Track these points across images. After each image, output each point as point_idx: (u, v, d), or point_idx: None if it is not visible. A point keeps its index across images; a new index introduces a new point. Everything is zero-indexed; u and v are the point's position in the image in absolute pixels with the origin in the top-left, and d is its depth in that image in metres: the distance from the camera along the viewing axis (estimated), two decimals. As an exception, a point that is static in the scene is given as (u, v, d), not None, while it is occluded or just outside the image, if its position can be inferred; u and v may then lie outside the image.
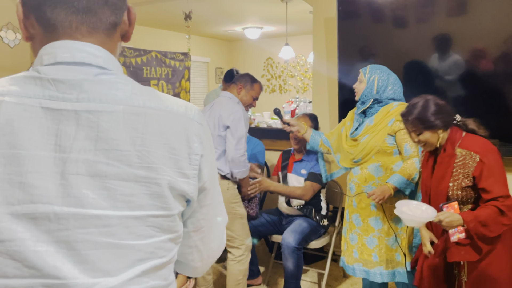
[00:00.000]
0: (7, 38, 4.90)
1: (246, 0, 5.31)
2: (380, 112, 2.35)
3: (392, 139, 2.31)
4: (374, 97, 2.34)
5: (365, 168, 2.40)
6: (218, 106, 2.70)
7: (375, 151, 2.32)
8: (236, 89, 2.77)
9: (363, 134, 2.38)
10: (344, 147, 2.51)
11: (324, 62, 3.56)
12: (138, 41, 6.95)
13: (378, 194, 2.25)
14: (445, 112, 1.88)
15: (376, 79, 2.35)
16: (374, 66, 2.41)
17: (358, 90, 2.42)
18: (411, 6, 2.94)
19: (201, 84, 8.52)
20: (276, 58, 8.53)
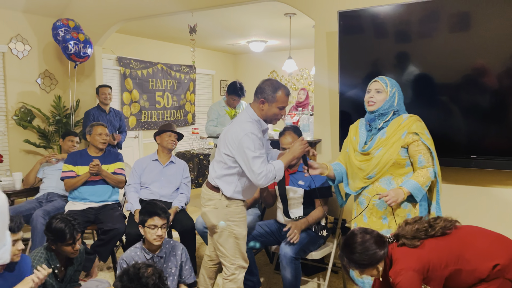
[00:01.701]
0: (16, 49, 5.01)
1: (250, 15, 5.40)
2: (391, 125, 2.34)
3: (405, 151, 2.31)
4: (394, 108, 2.34)
5: (376, 181, 2.38)
6: (232, 126, 2.50)
7: (390, 164, 2.30)
8: (257, 104, 2.45)
9: (376, 147, 2.34)
10: (355, 163, 2.45)
11: (325, 75, 3.61)
12: (144, 53, 7.07)
13: (392, 195, 2.22)
14: (371, 248, 1.88)
15: (397, 92, 2.36)
16: (390, 78, 2.41)
17: (376, 100, 2.35)
18: (413, 21, 2.99)
19: (206, 96, 8.61)
20: (280, 71, 8.63)
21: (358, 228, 1.97)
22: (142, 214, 2.62)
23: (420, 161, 2.29)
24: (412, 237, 1.91)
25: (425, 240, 1.91)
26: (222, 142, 2.49)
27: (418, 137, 2.28)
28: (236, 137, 2.37)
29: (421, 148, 2.26)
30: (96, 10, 5.06)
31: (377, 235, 1.93)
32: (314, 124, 3.73)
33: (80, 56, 4.82)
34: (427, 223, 1.95)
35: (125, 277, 2.04)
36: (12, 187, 3.98)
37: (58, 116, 5.21)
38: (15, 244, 2.08)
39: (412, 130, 2.28)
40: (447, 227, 1.94)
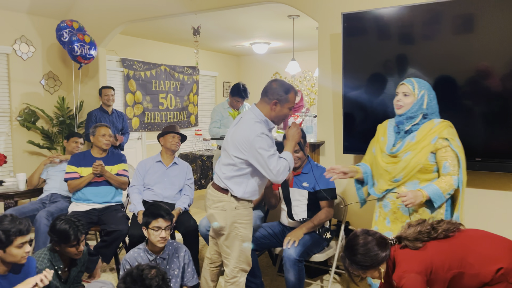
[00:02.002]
0: (20, 50, 5.03)
1: (254, 16, 5.41)
2: (422, 129, 2.29)
3: (433, 157, 2.26)
4: (424, 111, 2.29)
5: (402, 185, 2.35)
6: (240, 125, 2.48)
7: (418, 169, 2.26)
8: (269, 105, 2.44)
9: (404, 150, 2.30)
10: (381, 165, 2.41)
11: (329, 77, 3.61)
12: (147, 55, 7.08)
13: (410, 197, 2.18)
14: (373, 250, 1.88)
15: (426, 94, 2.30)
16: (419, 80, 2.35)
17: (404, 104, 2.31)
18: (417, 24, 2.99)
19: (209, 98, 8.62)
20: (283, 72, 8.62)
21: (360, 230, 1.96)
22: (146, 215, 2.62)
23: (445, 167, 2.24)
24: (414, 239, 1.90)
25: (428, 243, 1.90)
26: (230, 145, 2.46)
27: (448, 143, 2.23)
28: (247, 139, 2.35)
29: (448, 154, 2.21)
30: (100, 12, 5.08)
31: (380, 237, 1.92)
32: (318, 126, 3.73)
33: (85, 57, 4.83)
34: (430, 226, 1.94)
35: (129, 278, 2.03)
36: (16, 188, 3.99)
37: (61, 117, 5.22)
38: (23, 247, 2.09)
39: (443, 136, 2.23)
40: (450, 230, 1.93)
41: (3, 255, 2.04)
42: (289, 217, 3.05)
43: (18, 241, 2.05)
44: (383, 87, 3.16)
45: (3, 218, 2.08)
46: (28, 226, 2.11)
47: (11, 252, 2.05)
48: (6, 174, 4.76)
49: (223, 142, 2.57)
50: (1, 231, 2.02)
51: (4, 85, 4.93)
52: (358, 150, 3.31)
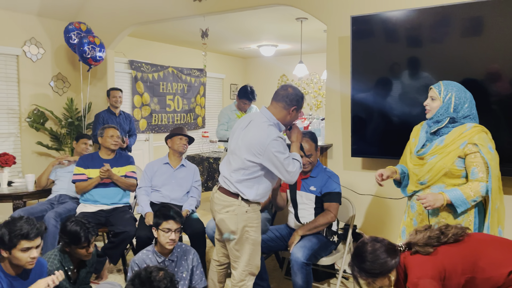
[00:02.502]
0: (30, 52, 5.07)
1: (262, 19, 5.41)
2: (452, 133, 2.24)
3: (461, 162, 2.20)
4: (451, 115, 2.24)
5: (428, 188, 2.32)
6: (252, 128, 2.47)
7: (443, 173, 2.22)
8: (287, 110, 2.47)
9: (431, 153, 2.27)
10: (409, 166, 2.40)
11: (337, 80, 3.60)
12: (155, 57, 7.12)
13: (429, 199, 2.15)
14: (382, 257, 1.86)
15: (454, 97, 2.24)
16: (449, 83, 2.29)
17: (431, 108, 2.29)
18: (425, 26, 2.98)
19: (216, 100, 8.64)
20: (290, 75, 8.62)
21: (368, 237, 1.94)
22: (157, 216, 2.62)
23: (473, 173, 2.17)
24: (424, 244, 1.88)
25: (438, 247, 1.88)
26: (243, 148, 2.43)
27: (477, 149, 2.16)
28: (263, 143, 2.35)
29: (477, 160, 2.15)
30: (109, 14, 5.11)
31: (388, 244, 1.90)
32: (326, 128, 3.72)
33: (96, 59, 4.87)
34: (439, 230, 1.92)
35: (137, 280, 2.04)
36: (24, 189, 4.02)
37: (70, 119, 5.25)
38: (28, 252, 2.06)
39: (473, 141, 2.16)
40: (459, 234, 1.91)
41: (9, 256, 2.05)
42: (296, 219, 3.04)
43: (23, 245, 2.02)
44: (391, 90, 3.16)
45: (18, 219, 2.06)
46: (37, 232, 2.06)
47: (15, 255, 2.04)
48: (15, 175, 4.80)
49: (231, 146, 2.56)
50: (7, 231, 2.00)
51: (14, 86, 4.97)
52: (366, 153, 3.30)
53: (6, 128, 4.92)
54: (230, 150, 2.58)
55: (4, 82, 4.88)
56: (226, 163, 2.57)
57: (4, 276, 2.06)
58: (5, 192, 3.93)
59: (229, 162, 2.53)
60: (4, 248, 2.02)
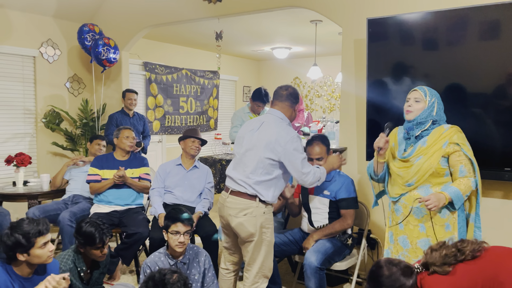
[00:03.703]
0: (47, 53, 5.13)
1: (276, 21, 5.40)
2: (432, 134, 2.33)
3: (445, 161, 2.30)
4: (433, 118, 2.33)
5: (414, 189, 2.36)
6: (268, 128, 2.50)
7: (430, 173, 2.29)
8: (292, 109, 2.59)
9: (416, 155, 2.33)
10: (393, 170, 2.44)
11: (352, 83, 3.57)
12: (169, 59, 7.15)
13: (434, 200, 2.19)
14: (398, 281, 1.80)
15: (436, 102, 2.35)
16: (430, 88, 2.40)
17: (414, 109, 2.35)
18: (442, 29, 2.93)
19: (228, 102, 8.64)
20: (303, 77, 8.59)
21: (384, 260, 1.88)
22: (166, 219, 2.62)
23: (462, 171, 2.29)
24: (442, 263, 1.82)
25: (456, 266, 1.82)
26: (261, 148, 2.44)
27: (459, 148, 2.28)
28: (284, 140, 2.41)
29: (462, 158, 2.27)
30: (124, 16, 5.15)
31: (404, 266, 1.84)
32: (340, 132, 3.68)
33: (110, 61, 4.92)
34: (455, 248, 1.86)
35: (151, 282, 2.03)
36: (39, 189, 4.06)
37: (85, 120, 5.30)
38: (46, 246, 2.11)
39: (454, 141, 2.28)
40: (476, 250, 1.86)
41: (29, 258, 2.06)
42: (309, 224, 3.02)
43: (40, 242, 2.07)
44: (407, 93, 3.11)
45: (21, 222, 2.09)
46: (47, 226, 2.12)
47: (35, 253, 2.07)
48: (30, 175, 4.85)
49: (242, 148, 2.55)
50: (21, 235, 2.02)
51: (31, 87, 5.04)
52: (381, 157, 3.26)
53: (23, 128, 4.99)
54: (241, 153, 2.56)
55: (21, 83, 4.95)
56: (239, 166, 2.55)
57: (17, 278, 2.07)
58: (21, 191, 3.98)
59: (244, 164, 2.51)
60: (23, 251, 2.03)
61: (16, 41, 4.82)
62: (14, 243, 2.01)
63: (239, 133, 2.64)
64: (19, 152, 4.22)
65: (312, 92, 8.58)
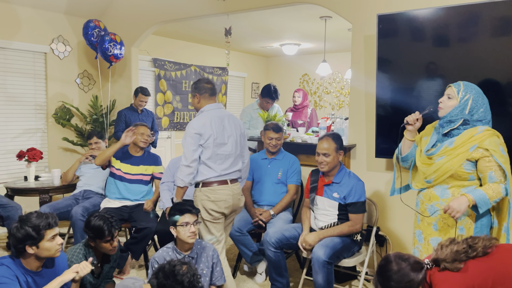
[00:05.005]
0: (58, 50, 5.18)
1: (285, 18, 5.39)
2: (462, 135, 2.21)
3: (470, 165, 2.18)
4: (465, 117, 2.20)
5: (431, 187, 2.32)
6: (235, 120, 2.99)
7: (449, 174, 2.20)
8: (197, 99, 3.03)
9: (439, 154, 2.25)
10: (417, 164, 2.38)
11: (362, 79, 3.55)
12: (178, 55, 7.17)
13: (454, 208, 2.11)
14: (408, 276, 1.79)
15: (471, 99, 2.20)
16: (469, 84, 2.25)
17: (445, 106, 2.25)
18: (453, 25, 2.91)
19: (237, 98, 8.65)
20: (312, 74, 8.56)
21: (393, 255, 1.87)
22: (171, 215, 2.62)
23: (491, 177, 2.15)
24: (453, 260, 1.80)
25: (468, 262, 1.81)
26: (238, 137, 2.92)
27: (489, 153, 2.13)
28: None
29: (492, 164, 2.13)
30: (134, 12, 5.17)
31: (414, 262, 1.83)
32: (349, 128, 3.67)
33: (117, 57, 4.94)
34: (466, 244, 1.84)
35: (161, 273, 2.05)
36: (50, 183, 4.11)
37: (95, 116, 5.35)
38: (54, 240, 2.14)
39: (484, 146, 2.14)
40: (488, 246, 1.84)
41: (38, 251, 2.09)
42: (315, 225, 3.04)
43: (49, 235, 2.10)
44: (418, 90, 3.09)
45: (30, 215, 2.12)
46: (55, 219, 2.16)
47: (44, 246, 2.09)
48: (41, 170, 4.91)
49: (231, 146, 2.85)
50: (31, 227, 2.06)
51: (42, 83, 5.09)
52: (390, 153, 3.23)
53: (34, 123, 5.04)
54: (224, 150, 2.83)
55: (33, 79, 5.01)
56: (235, 158, 2.88)
57: (26, 272, 2.10)
58: (32, 186, 4.03)
59: (237, 156, 2.91)
60: (32, 243, 2.06)
61: (28, 37, 4.87)
62: (24, 235, 2.04)
63: (216, 129, 2.80)
64: (30, 147, 4.28)
65: (321, 88, 8.55)
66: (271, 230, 3.10)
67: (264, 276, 3.48)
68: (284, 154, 3.60)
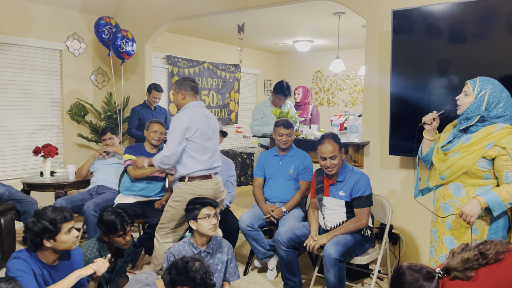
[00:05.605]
0: (73, 47, 5.24)
1: (298, 14, 5.37)
2: (479, 132, 2.14)
3: (486, 163, 2.12)
4: (481, 114, 2.14)
5: (446, 185, 2.28)
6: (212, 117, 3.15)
7: (463, 171, 2.16)
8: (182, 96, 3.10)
9: (454, 150, 2.20)
10: (433, 160, 2.35)
11: (376, 76, 3.52)
12: (191, 52, 7.20)
13: (467, 212, 2.07)
14: (421, 286, 1.74)
15: (487, 95, 2.13)
16: (486, 79, 2.18)
17: (462, 103, 2.21)
18: (469, 20, 2.86)
19: (249, 96, 8.65)
20: (325, 71, 8.52)
21: (405, 266, 1.82)
22: (190, 210, 2.63)
23: (508, 177, 2.08)
24: (464, 268, 1.75)
25: (479, 270, 1.75)
26: (218, 132, 3.10)
27: (507, 152, 2.06)
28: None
29: (509, 164, 2.06)
30: (148, 9, 5.20)
31: (426, 272, 1.78)
32: (363, 125, 3.65)
33: (129, 54, 4.98)
34: (477, 251, 1.79)
35: (174, 269, 2.07)
36: (65, 179, 4.17)
37: (109, 112, 5.40)
38: (71, 232, 2.17)
39: (501, 144, 2.07)
40: (500, 252, 1.78)
41: (55, 244, 2.12)
42: (324, 225, 3.02)
43: (65, 227, 2.13)
44: (432, 87, 3.05)
45: (45, 209, 2.16)
46: (71, 213, 2.20)
47: (61, 239, 2.13)
48: (57, 165, 4.98)
49: (211, 139, 2.98)
50: (48, 221, 2.09)
51: (57, 80, 5.16)
52: (405, 151, 3.21)
53: (50, 120, 5.12)
54: (209, 144, 2.96)
55: (48, 76, 5.07)
56: (215, 154, 3.03)
57: (42, 265, 2.14)
58: (48, 181, 4.10)
59: (217, 152, 3.06)
60: (50, 237, 2.10)
61: (44, 35, 4.94)
62: (42, 229, 2.08)
63: (196, 123, 2.90)
64: (46, 143, 4.34)
65: (334, 85, 8.50)
66: (282, 229, 3.09)
67: (275, 272, 3.48)
68: (295, 151, 3.59)
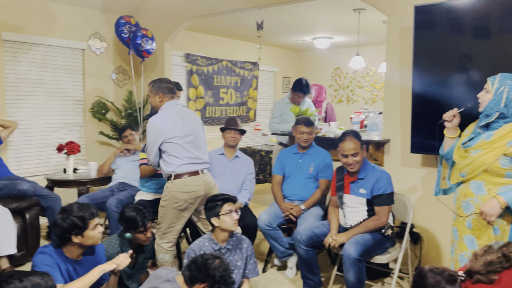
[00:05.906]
0: (94, 46, 5.32)
1: (318, 11, 5.32)
2: (501, 129, 2.11)
3: (507, 161, 2.08)
4: (501, 110, 2.11)
5: (467, 183, 2.24)
6: (193, 116, 3.22)
7: (483, 169, 2.13)
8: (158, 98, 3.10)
9: (475, 147, 2.18)
10: (454, 157, 2.32)
11: (397, 73, 3.47)
12: (210, 50, 7.23)
13: (486, 212, 2.06)
14: (441, 286, 1.71)
15: (506, 91, 2.10)
16: (505, 76, 2.15)
17: (482, 101, 2.19)
18: (494, 15, 2.79)
19: (268, 93, 8.64)
20: (344, 68, 8.44)
21: (426, 269, 1.80)
22: (210, 208, 2.64)
23: None
24: (487, 271, 1.71)
25: (502, 273, 1.71)
26: (201, 131, 3.16)
27: None
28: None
29: None
30: (167, 8, 5.24)
31: (448, 275, 1.76)
32: (384, 123, 3.60)
33: (149, 52, 5.03)
34: (501, 253, 1.75)
35: (193, 266, 2.09)
36: (88, 176, 4.25)
37: (129, 110, 5.47)
38: (96, 228, 2.22)
39: None
40: None
41: (82, 240, 2.18)
42: (344, 223, 3.00)
43: (92, 224, 2.20)
44: (456, 84, 2.99)
45: (72, 206, 2.22)
46: (96, 210, 2.27)
47: (88, 235, 2.19)
48: (79, 163, 5.08)
49: (191, 136, 2.97)
50: (76, 217, 2.16)
51: (79, 79, 5.25)
52: (426, 149, 3.16)
53: (72, 118, 5.22)
54: (189, 140, 2.96)
55: (71, 74, 5.17)
56: (199, 149, 3.03)
57: (67, 261, 2.19)
58: (71, 178, 4.18)
59: (201, 147, 3.06)
60: (78, 233, 2.16)
61: (66, 34, 5.03)
62: (70, 225, 2.14)
63: (174, 122, 2.91)
64: (69, 141, 4.43)
65: (354, 82, 8.42)
66: (301, 228, 3.08)
67: (294, 271, 3.47)
68: (315, 149, 3.57)
